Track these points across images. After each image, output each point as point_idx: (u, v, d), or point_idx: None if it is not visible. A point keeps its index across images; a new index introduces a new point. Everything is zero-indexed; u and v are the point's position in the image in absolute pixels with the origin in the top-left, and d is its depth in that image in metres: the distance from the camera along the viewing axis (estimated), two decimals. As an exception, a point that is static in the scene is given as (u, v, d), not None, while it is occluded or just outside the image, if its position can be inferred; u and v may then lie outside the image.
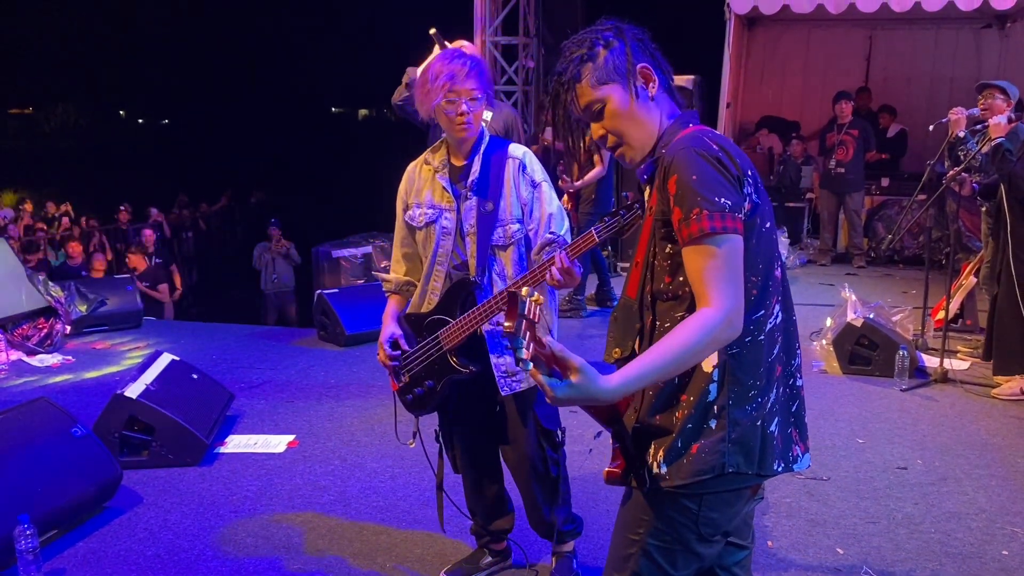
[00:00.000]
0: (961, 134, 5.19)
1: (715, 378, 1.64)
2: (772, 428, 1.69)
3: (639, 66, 1.73)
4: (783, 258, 1.76)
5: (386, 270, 2.92)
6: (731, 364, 1.64)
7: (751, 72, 10.76)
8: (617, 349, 1.79)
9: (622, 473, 1.74)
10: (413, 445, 2.86)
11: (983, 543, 3.20)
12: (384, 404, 4.77)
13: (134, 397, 3.87)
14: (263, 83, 37.61)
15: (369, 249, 8.00)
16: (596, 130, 1.77)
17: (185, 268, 14.78)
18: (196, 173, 22.58)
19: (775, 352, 1.70)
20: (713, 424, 1.64)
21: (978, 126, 5.75)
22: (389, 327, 2.75)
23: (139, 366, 4.31)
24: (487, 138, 2.65)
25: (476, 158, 2.61)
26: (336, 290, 6.49)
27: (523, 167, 2.61)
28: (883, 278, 8.24)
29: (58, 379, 5.40)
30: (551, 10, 10.15)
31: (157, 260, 10.30)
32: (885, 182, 9.34)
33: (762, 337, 1.66)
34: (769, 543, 3.18)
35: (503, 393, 2.63)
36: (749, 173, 1.64)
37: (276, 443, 4.22)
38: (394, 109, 4.55)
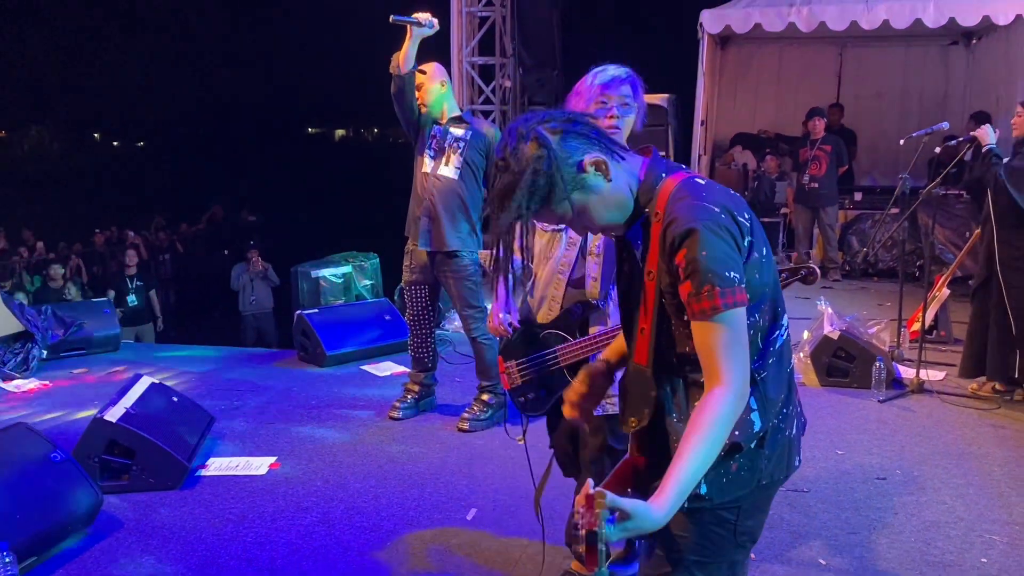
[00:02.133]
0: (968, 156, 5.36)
1: (754, 406, 1.68)
2: (794, 431, 1.79)
3: (587, 161, 1.65)
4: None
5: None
6: (763, 388, 1.69)
7: (724, 90, 10.90)
8: (633, 419, 1.80)
9: None
10: (522, 442, 2.90)
11: (962, 551, 3.24)
12: (366, 424, 4.77)
13: (114, 421, 3.84)
14: (238, 105, 37.47)
15: (349, 268, 7.97)
16: (578, 229, 1.77)
17: (162, 291, 14.66)
18: (172, 196, 22.48)
19: (792, 363, 1.79)
20: (753, 445, 1.70)
21: (952, 140, 5.87)
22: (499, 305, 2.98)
23: (118, 390, 4.26)
24: None
25: None
26: (316, 310, 6.47)
27: None
28: (858, 291, 8.33)
29: (35, 404, 5.34)
30: (527, 30, 10.24)
31: (139, 282, 10.23)
32: (858, 196, 9.48)
33: (780, 354, 1.73)
34: (752, 555, 3.20)
35: (595, 413, 2.68)
36: (746, 216, 1.67)
37: (258, 465, 4.20)
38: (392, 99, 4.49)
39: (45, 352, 6.19)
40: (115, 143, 43.38)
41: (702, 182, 1.70)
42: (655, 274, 1.68)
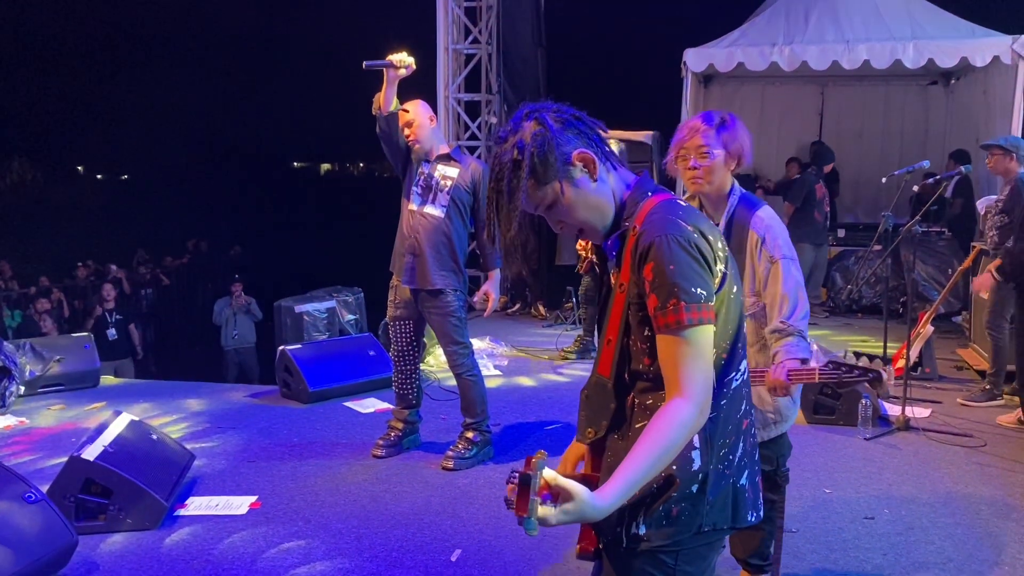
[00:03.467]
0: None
1: (696, 445, 1.66)
2: (743, 481, 1.73)
3: (575, 154, 1.69)
4: (743, 311, 1.80)
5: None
6: (709, 428, 1.66)
7: (708, 127, 11.00)
8: (591, 429, 1.80)
9: (594, 550, 1.76)
10: None
11: (952, 592, 3.21)
12: (348, 463, 4.70)
13: (91, 459, 3.76)
14: (224, 138, 37.56)
15: (333, 303, 7.92)
16: (553, 223, 1.77)
17: (142, 325, 14.57)
18: (156, 230, 22.39)
19: (743, 408, 1.74)
20: (695, 488, 1.67)
21: (930, 179, 5.94)
22: None
23: (97, 427, 4.18)
24: (737, 198, 2.69)
25: (722, 222, 2.68)
26: (299, 345, 6.41)
27: (763, 242, 2.64)
28: (843, 327, 8.36)
29: (11, 441, 5.24)
30: (512, 67, 10.33)
31: (118, 316, 10.16)
32: (841, 233, 9.55)
33: (733, 397, 1.70)
34: (741, 597, 3.15)
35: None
36: (720, 246, 1.67)
37: (238, 504, 4.12)
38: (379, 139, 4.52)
39: (23, 388, 6.09)
40: (99, 176, 43.30)
41: (683, 204, 1.71)
42: (626, 286, 1.69)
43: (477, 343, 6.75)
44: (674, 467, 1.64)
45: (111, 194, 36.42)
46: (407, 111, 4.44)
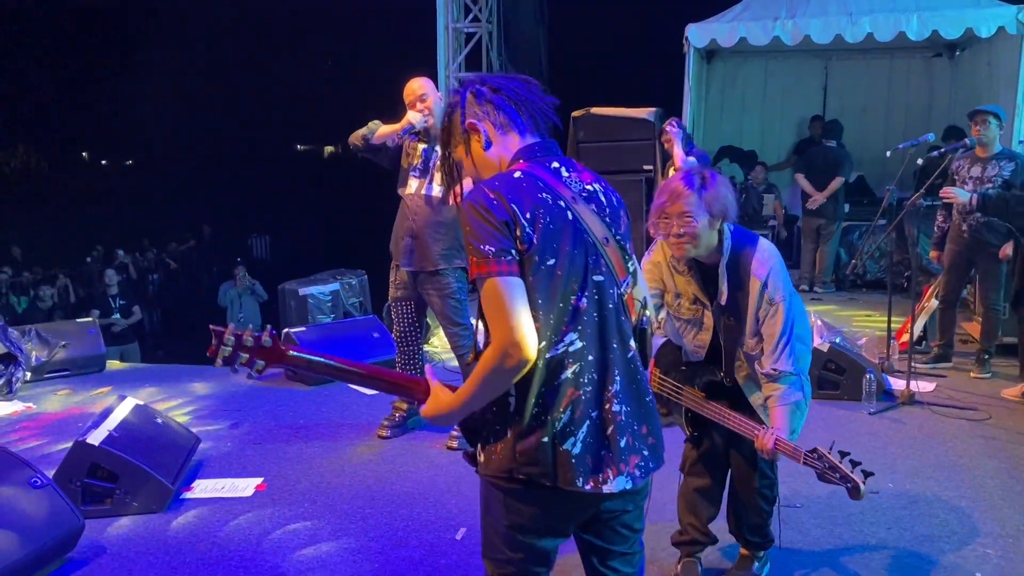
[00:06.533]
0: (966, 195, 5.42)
1: (512, 393, 1.84)
2: (567, 446, 1.82)
3: (467, 123, 1.95)
4: (595, 289, 1.86)
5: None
6: (518, 382, 1.82)
7: (711, 103, 10.94)
8: None
9: (471, 455, 2.00)
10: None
11: (956, 566, 3.22)
12: (353, 444, 4.72)
13: (96, 444, 3.78)
14: (227, 122, 37.43)
15: (337, 286, 7.92)
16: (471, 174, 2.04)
17: (147, 310, 14.61)
18: (161, 214, 22.39)
19: (563, 377, 1.83)
20: (509, 433, 1.85)
21: (935, 152, 5.87)
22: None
23: (102, 412, 4.20)
24: (729, 243, 2.69)
25: (722, 278, 2.70)
26: (303, 328, 6.41)
27: (765, 287, 2.68)
28: (848, 302, 8.33)
29: (18, 427, 5.27)
30: (513, 46, 10.27)
31: (122, 301, 10.19)
32: (846, 207, 9.48)
33: (549, 364, 1.82)
34: (745, 573, 3.16)
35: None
36: (527, 216, 1.78)
37: (244, 487, 4.14)
38: (352, 149, 4.54)
39: (29, 374, 6.11)
40: (103, 162, 43.28)
41: (518, 176, 1.84)
42: None
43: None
44: (494, 407, 1.85)
45: (116, 180, 36.44)
46: (416, 88, 4.41)
